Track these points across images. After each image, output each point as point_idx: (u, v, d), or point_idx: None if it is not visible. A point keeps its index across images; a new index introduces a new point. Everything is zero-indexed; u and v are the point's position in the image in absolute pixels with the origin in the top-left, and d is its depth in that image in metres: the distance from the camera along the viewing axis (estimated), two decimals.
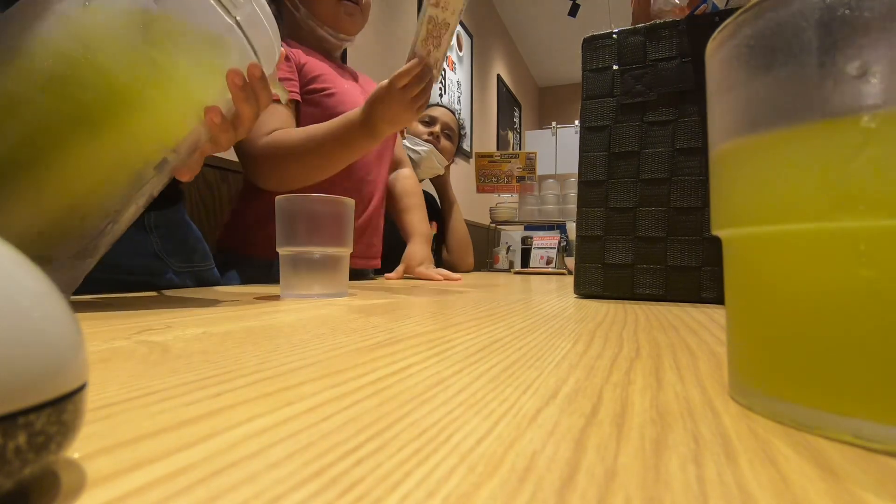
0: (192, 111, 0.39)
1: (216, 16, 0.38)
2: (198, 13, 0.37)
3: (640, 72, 0.54)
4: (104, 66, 0.33)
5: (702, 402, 0.16)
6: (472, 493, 0.10)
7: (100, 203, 0.35)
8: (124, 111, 0.34)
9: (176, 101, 0.37)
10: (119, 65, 0.34)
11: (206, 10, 0.37)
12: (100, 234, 0.36)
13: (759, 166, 0.14)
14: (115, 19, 0.34)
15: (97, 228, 0.35)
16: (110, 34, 0.34)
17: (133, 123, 0.35)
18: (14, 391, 0.08)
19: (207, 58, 0.39)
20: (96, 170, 0.34)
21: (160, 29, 0.35)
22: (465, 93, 3.09)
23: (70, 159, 0.32)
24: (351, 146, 0.77)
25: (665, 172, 0.52)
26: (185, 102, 0.39)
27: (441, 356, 0.22)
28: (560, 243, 1.62)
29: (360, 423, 0.13)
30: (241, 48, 0.41)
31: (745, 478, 0.10)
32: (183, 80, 0.37)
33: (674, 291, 0.52)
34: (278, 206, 0.52)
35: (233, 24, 0.39)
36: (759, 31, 0.14)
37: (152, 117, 0.36)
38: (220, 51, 0.39)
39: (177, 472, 0.10)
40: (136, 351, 0.22)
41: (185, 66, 0.37)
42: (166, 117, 0.37)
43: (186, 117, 0.39)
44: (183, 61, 0.37)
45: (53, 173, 0.32)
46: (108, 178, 0.35)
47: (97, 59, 0.33)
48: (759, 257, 0.14)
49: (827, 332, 0.12)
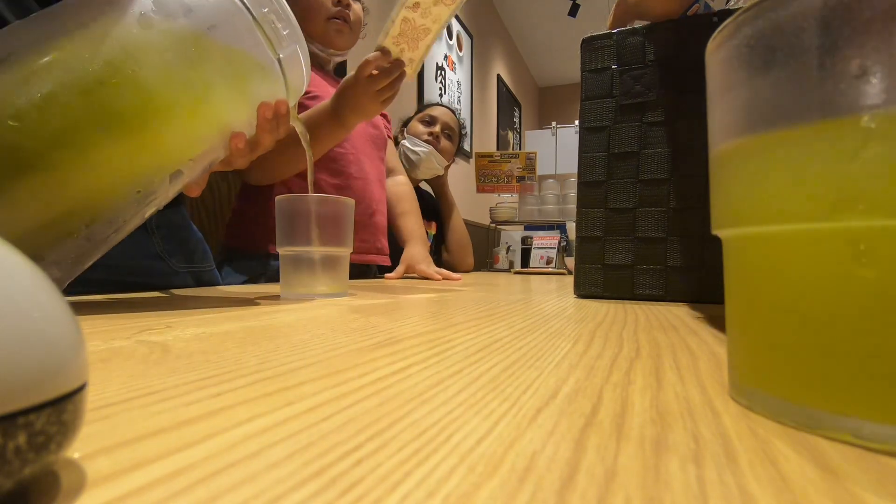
0: (218, 131, 0.40)
1: (262, 51, 0.40)
2: (246, 45, 0.39)
3: (639, 72, 0.54)
4: (146, 81, 0.33)
5: (702, 402, 0.16)
6: (472, 493, 0.10)
7: (109, 211, 0.35)
8: (154, 125, 0.35)
9: (204, 120, 0.38)
10: (160, 81, 0.34)
11: (254, 44, 0.39)
12: (101, 242, 0.36)
13: (759, 166, 0.14)
14: (167, 39, 0.35)
15: (101, 235, 0.35)
16: (158, 52, 0.34)
17: (160, 137, 0.35)
18: (14, 391, 0.08)
19: (244, 86, 0.40)
20: (114, 176, 0.34)
21: (206, 53, 0.36)
22: (465, 93, 3.09)
23: (91, 164, 0.32)
24: (321, 136, 0.79)
25: (664, 173, 0.52)
26: (214, 123, 0.39)
27: (441, 356, 0.22)
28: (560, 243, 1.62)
29: (360, 423, 0.13)
30: (276, 82, 0.42)
31: (745, 478, 0.10)
32: (216, 103, 0.38)
33: (674, 292, 0.52)
34: (278, 206, 0.52)
35: (275, 60, 0.41)
36: (759, 31, 0.14)
37: (179, 133, 0.37)
38: (257, 83, 0.41)
39: (177, 472, 0.10)
40: (136, 351, 0.22)
41: (221, 90, 0.38)
42: (192, 133, 0.38)
43: (211, 136, 0.40)
44: (220, 86, 0.38)
45: (71, 175, 0.32)
46: (123, 186, 0.35)
47: (141, 72, 0.33)
48: (759, 257, 0.14)
49: (827, 332, 0.12)
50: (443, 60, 2.70)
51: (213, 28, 0.36)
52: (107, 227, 0.35)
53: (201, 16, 0.36)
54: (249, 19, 0.38)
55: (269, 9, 0.39)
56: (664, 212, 0.52)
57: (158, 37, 0.34)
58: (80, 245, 0.34)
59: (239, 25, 0.38)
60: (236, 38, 0.38)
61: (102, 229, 0.35)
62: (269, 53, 0.40)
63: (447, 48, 2.76)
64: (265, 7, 0.39)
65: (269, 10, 0.39)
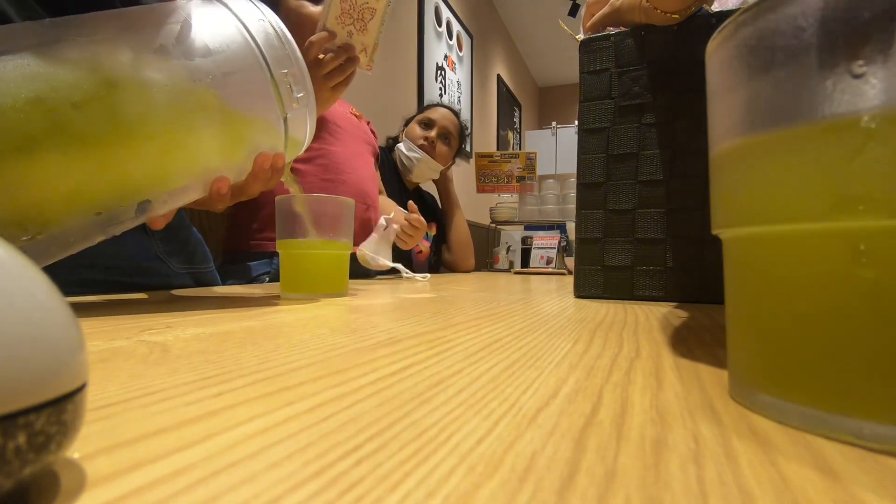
0: (199, 172, 0.39)
1: (271, 107, 0.40)
2: (256, 101, 0.39)
3: (637, 73, 0.54)
4: (121, 108, 0.33)
5: (702, 402, 0.16)
6: (472, 493, 0.10)
7: (58, 226, 0.33)
8: (122, 153, 0.33)
9: (184, 158, 0.37)
10: (155, 114, 0.34)
11: (264, 100, 0.39)
12: (39, 255, 0.34)
13: (759, 166, 0.14)
14: (178, 80, 0.34)
15: (41, 248, 0.34)
16: (164, 87, 0.34)
17: (128, 165, 0.34)
18: (14, 391, 0.08)
19: (239, 136, 0.40)
20: (69, 193, 0.33)
21: (204, 97, 0.36)
22: (465, 93, 3.09)
23: (45, 176, 0.31)
24: None
25: (664, 174, 0.52)
26: (195, 163, 0.38)
27: (441, 356, 0.22)
28: (560, 243, 1.62)
29: (360, 423, 0.13)
30: (276, 138, 0.42)
31: (745, 478, 0.10)
32: (200, 145, 0.38)
33: (674, 292, 0.52)
34: (278, 207, 0.52)
35: (280, 118, 0.41)
36: (759, 31, 0.14)
37: (152, 165, 0.35)
38: (257, 134, 0.41)
39: (177, 472, 0.10)
40: (136, 351, 0.22)
41: (208, 135, 0.37)
42: (168, 168, 0.37)
43: (190, 174, 0.39)
44: (208, 130, 0.37)
45: (21, 182, 0.31)
46: (79, 205, 0.33)
47: (119, 99, 0.33)
48: (759, 257, 0.14)
49: (827, 332, 0.12)
50: (443, 60, 2.70)
51: (228, 74, 0.36)
52: (51, 243, 0.34)
53: (220, 60, 0.36)
54: (267, 77, 0.38)
55: (288, 71, 0.39)
56: (663, 213, 0.52)
57: (163, 69, 0.34)
58: None
59: (255, 80, 0.38)
60: (249, 90, 0.38)
61: (46, 243, 0.33)
62: (276, 111, 0.40)
63: (447, 48, 2.76)
64: (285, 69, 0.39)
65: (287, 72, 0.39)
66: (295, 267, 0.52)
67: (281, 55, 0.39)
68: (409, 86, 2.30)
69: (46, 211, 0.32)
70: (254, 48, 0.38)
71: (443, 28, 2.68)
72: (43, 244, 0.33)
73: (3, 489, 0.08)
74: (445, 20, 2.71)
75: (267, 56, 0.38)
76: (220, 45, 0.36)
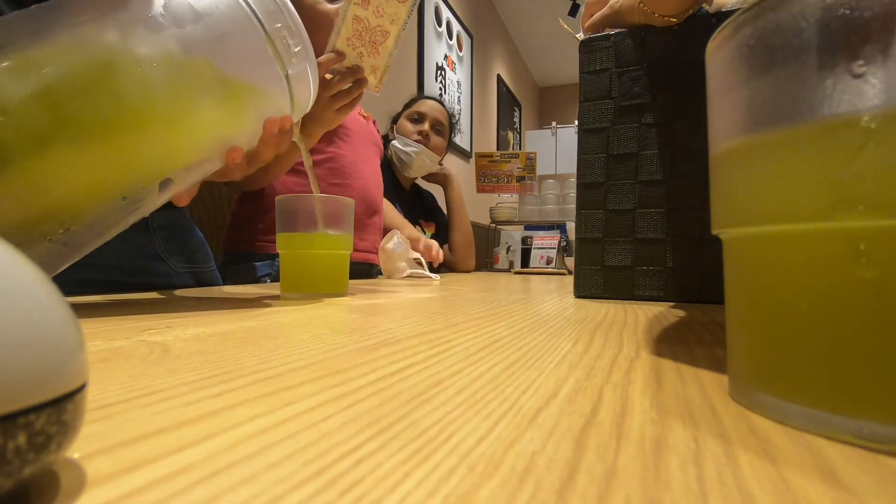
0: (214, 143, 0.39)
1: (271, 67, 0.39)
2: (255, 63, 0.38)
3: (637, 74, 0.54)
4: (136, 89, 0.33)
5: (702, 402, 0.16)
6: (472, 493, 0.10)
7: (91, 215, 0.34)
8: (144, 133, 0.34)
9: (200, 132, 0.37)
10: (158, 94, 0.34)
11: (264, 60, 0.38)
12: (79, 246, 0.35)
13: (759, 166, 0.14)
14: (167, 46, 0.34)
15: (80, 240, 0.34)
16: (163, 63, 0.34)
17: (149, 145, 0.34)
18: (14, 391, 0.08)
19: (246, 101, 0.39)
20: (98, 181, 0.33)
21: (209, 66, 0.35)
22: (465, 93, 3.09)
23: (74, 166, 0.31)
24: None
25: (663, 174, 0.52)
26: (210, 135, 0.38)
27: (441, 356, 0.22)
28: (560, 243, 1.62)
29: (360, 423, 0.13)
30: (282, 98, 0.42)
31: (745, 478, 0.10)
32: (213, 116, 0.37)
33: (674, 292, 0.52)
34: (278, 206, 0.52)
35: (283, 77, 0.40)
36: (759, 30, 0.14)
37: (171, 143, 0.36)
38: (262, 98, 0.40)
39: (177, 472, 0.10)
40: (136, 351, 0.22)
41: (218, 105, 0.37)
42: (185, 144, 0.37)
43: (206, 147, 0.39)
44: (218, 100, 0.37)
45: (52, 176, 0.31)
46: (107, 191, 0.34)
47: (130, 80, 0.32)
48: (759, 257, 0.14)
49: (827, 333, 0.12)
50: (443, 60, 2.70)
51: (222, 37, 0.36)
52: (86, 232, 0.34)
53: (211, 24, 0.35)
54: (262, 34, 0.38)
55: (281, 24, 0.38)
56: (663, 213, 0.52)
57: (157, 44, 0.34)
58: (55, 249, 0.33)
59: (250, 39, 0.37)
60: (246, 51, 0.37)
61: (82, 234, 0.34)
62: (277, 69, 0.39)
63: (447, 48, 2.76)
64: (278, 22, 0.38)
65: (281, 25, 0.38)
66: (295, 267, 0.52)
67: (271, 8, 0.38)
68: (409, 86, 2.30)
69: (73, 203, 0.33)
70: (242, 4, 0.36)
71: (443, 28, 2.68)
72: (79, 234, 0.34)
73: (3, 489, 0.08)
74: (445, 20, 2.71)
75: (257, 11, 0.37)
76: (208, 5, 0.35)
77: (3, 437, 0.07)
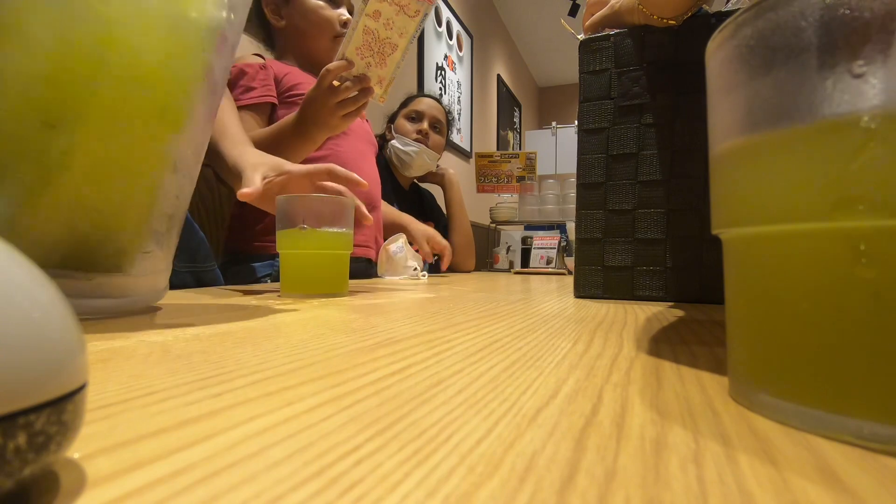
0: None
1: None
2: None
3: (637, 74, 0.54)
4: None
5: (702, 402, 0.16)
6: (472, 493, 0.10)
7: (147, 217, 0.33)
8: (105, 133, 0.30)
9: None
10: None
11: None
12: (171, 238, 0.34)
13: (759, 166, 0.14)
14: None
15: (171, 237, 0.33)
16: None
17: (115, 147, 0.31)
18: (14, 391, 0.08)
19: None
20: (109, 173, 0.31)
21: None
22: (465, 93, 3.09)
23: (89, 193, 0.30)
24: (283, 147, 0.75)
25: (663, 174, 0.52)
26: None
27: (441, 356, 0.22)
28: (560, 243, 1.62)
29: (360, 423, 0.13)
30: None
31: (745, 478, 0.10)
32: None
33: (674, 292, 0.52)
34: (279, 206, 0.52)
35: None
36: (759, 31, 0.14)
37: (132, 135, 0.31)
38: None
39: (177, 472, 0.10)
40: (136, 351, 0.22)
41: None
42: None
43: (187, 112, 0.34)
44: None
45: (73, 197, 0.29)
46: (140, 200, 0.33)
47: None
48: (759, 257, 0.14)
49: (827, 333, 0.12)
50: (443, 60, 2.70)
51: None
52: (158, 229, 0.35)
53: None
54: None
55: None
56: (663, 213, 0.52)
57: None
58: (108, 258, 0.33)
59: None
60: None
61: (159, 232, 0.35)
62: None
63: (447, 48, 2.76)
64: None
65: None
66: (295, 267, 0.52)
67: None
68: (409, 86, 2.30)
69: (118, 215, 0.32)
70: None
71: (443, 28, 2.68)
72: (159, 235, 0.34)
73: (3, 489, 0.08)
74: (445, 20, 2.71)
75: None
76: None
77: (3, 437, 0.07)
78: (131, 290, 0.34)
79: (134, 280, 0.34)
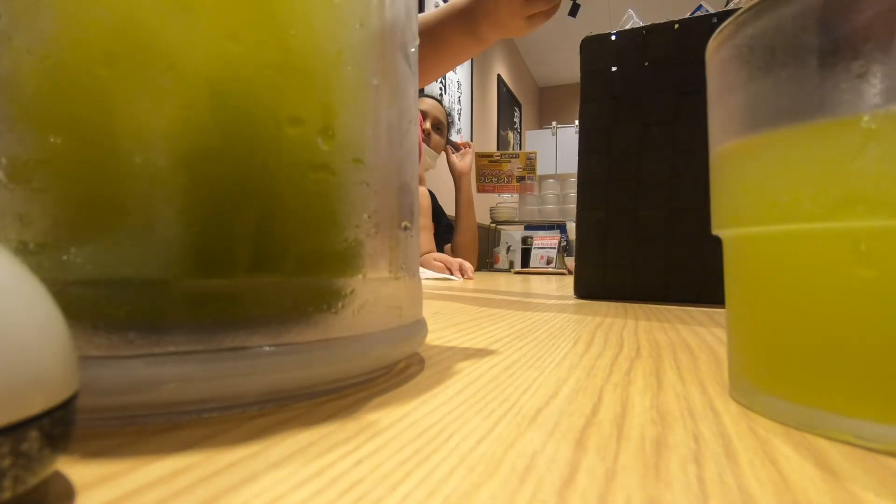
0: None
1: None
2: None
3: (637, 73, 0.54)
4: None
5: (702, 402, 0.16)
6: (472, 493, 0.10)
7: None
8: None
9: None
10: None
11: None
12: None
13: (759, 166, 0.14)
14: None
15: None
16: None
17: None
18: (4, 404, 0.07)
19: None
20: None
21: None
22: (465, 93, 3.09)
23: None
24: (442, 41, 0.61)
25: (664, 174, 0.52)
26: None
27: (441, 356, 0.22)
28: (560, 243, 1.62)
29: (360, 423, 0.13)
30: None
31: (745, 478, 0.10)
32: None
33: (674, 292, 0.52)
34: None
35: None
36: (760, 31, 0.14)
37: None
38: None
39: (177, 472, 0.10)
40: None
41: None
42: None
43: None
44: None
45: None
46: None
47: None
48: (759, 257, 0.14)
49: (827, 332, 0.12)
50: None
51: None
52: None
53: None
54: None
55: None
56: (664, 213, 0.52)
57: None
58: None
59: None
60: None
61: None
62: None
63: None
64: None
65: None
66: None
67: None
68: None
69: None
70: None
71: None
72: None
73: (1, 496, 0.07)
74: None
75: None
76: None
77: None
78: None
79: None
